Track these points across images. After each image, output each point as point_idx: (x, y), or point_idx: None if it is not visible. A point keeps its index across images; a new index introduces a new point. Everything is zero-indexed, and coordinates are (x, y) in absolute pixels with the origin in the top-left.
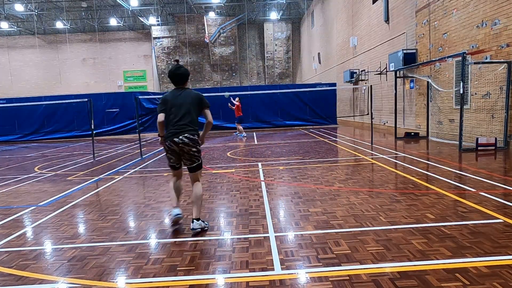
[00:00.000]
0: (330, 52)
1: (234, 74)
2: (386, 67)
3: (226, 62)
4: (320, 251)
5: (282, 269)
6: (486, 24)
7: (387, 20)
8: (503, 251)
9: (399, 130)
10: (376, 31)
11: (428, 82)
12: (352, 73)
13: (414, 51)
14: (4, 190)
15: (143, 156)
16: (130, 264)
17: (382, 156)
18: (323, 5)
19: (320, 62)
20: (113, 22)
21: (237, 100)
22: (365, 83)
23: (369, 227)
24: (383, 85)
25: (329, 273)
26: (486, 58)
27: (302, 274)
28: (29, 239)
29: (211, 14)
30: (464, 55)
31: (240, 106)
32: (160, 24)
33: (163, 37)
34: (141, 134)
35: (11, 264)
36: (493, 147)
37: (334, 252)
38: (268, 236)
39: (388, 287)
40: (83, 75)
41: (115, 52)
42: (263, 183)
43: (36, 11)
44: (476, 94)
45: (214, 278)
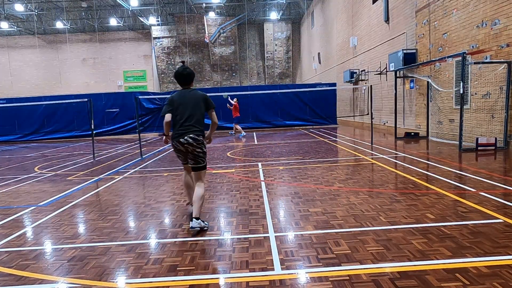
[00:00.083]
0: (330, 52)
1: (234, 74)
2: (386, 67)
3: (226, 62)
4: (320, 251)
5: (282, 269)
6: (486, 24)
7: (387, 20)
8: (503, 251)
9: (399, 130)
10: (376, 31)
11: (428, 82)
12: (352, 73)
13: (414, 51)
14: (4, 190)
15: (143, 156)
16: (130, 264)
17: (382, 156)
18: (323, 5)
19: (320, 62)
20: (113, 22)
21: (235, 101)
22: (365, 83)
23: (369, 227)
24: (383, 85)
25: (329, 273)
26: (486, 58)
27: (302, 274)
28: (29, 239)
29: (211, 14)
30: (464, 55)
31: (238, 107)
32: (160, 24)
33: (163, 37)
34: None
35: (11, 264)
36: (493, 147)
37: (334, 252)
38: (268, 236)
39: (388, 287)
40: (83, 75)
41: (115, 52)
42: (263, 183)
43: (36, 11)
44: (476, 94)
45: (214, 278)
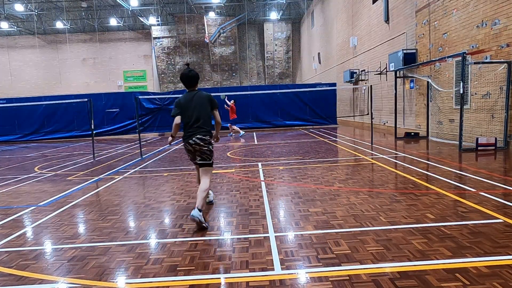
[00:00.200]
0: (330, 52)
1: (234, 74)
2: (386, 67)
3: (226, 62)
4: (320, 251)
5: (282, 269)
6: (486, 24)
7: (387, 20)
8: (503, 251)
9: (399, 130)
10: (376, 31)
11: (428, 82)
12: (352, 73)
13: (414, 51)
14: (4, 190)
15: (143, 156)
16: (130, 264)
17: (382, 156)
18: (323, 5)
19: (320, 62)
20: (113, 22)
21: (232, 103)
22: (365, 83)
23: (369, 227)
24: (383, 85)
25: (329, 273)
26: (486, 58)
27: (302, 274)
28: (29, 239)
29: (211, 14)
30: (464, 55)
31: (235, 109)
32: (160, 24)
33: (163, 37)
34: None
35: (11, 264)
36: (493, 147)
37: (334, 252)
38: (268, 236)
39: (388, 287)
40: (83, 75)
41: (115, 52)
42: (263, 183)
43: (36, 11)
44: (476, 94)
45: (214, 278)
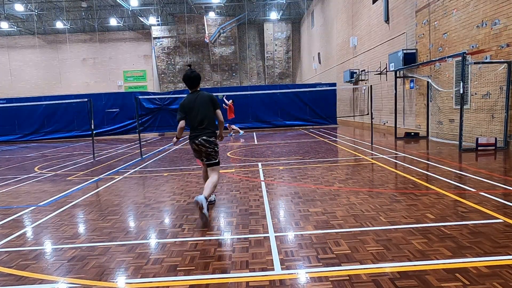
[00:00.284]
0: (330, 52)
1: (234, 74)
2: (386, 67)
3: (226, 62)
4: (320, 251)
5: (282, 269)
6: (486, 24)
7: (387, 20)
8: (503, 251)
9: (399, 130)
10: (376, 31)
11: (428, 82)
12: (352, 73)
13: (414, 51)
14: (4, 190)
15: (143, 156)
16: (130, 264)
17: (382, 156)
18: (323, 5)
19: (320, 62)
20: (113, 22)
21: (230, 102)
22: (365, 83)
23: (369, 227)
24: (383, 85)
25: (329, 273)
26: (486, 58)
27: (302, 274)
28: (29, 239)
29: (211, 14)
30: (464, 55)
31: (233, 108)
32: (160, 24)
33: (163, 37)
34: (141, 134)
35: (11, 264)
36: (493, 147)
37: (334, 252)
38: (268, 236)
39: (388, 287)
40: (83, 75)
41: (115, 52)
42: (263, 183)
43: (36, 11)
44: (476, 94)
45: (214, 278)
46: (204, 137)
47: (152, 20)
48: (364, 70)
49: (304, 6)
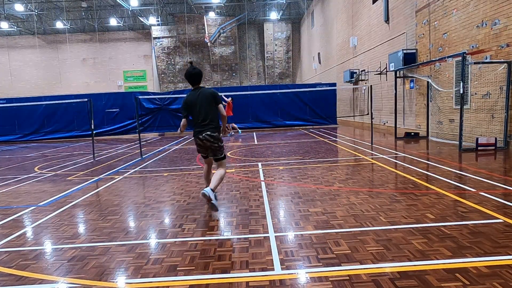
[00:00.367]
0: (330, 52)
1: (234, 74)
2: (386, 67)
3: (226, 62)
4: (320, 251)
5: (282, 269)
6: (486, 24)
7: (387, 20)
8: (503, 251)
9: (399, 130)
10: (376, 31)
11: (428, 82)
12: (352, 73)
13: (414, 51)
14: (4, 190)
15: (143, 156)
16: (130, 264)
17: (382, 156)
18: (323, 5)
19: (320, 62)
20: (113, 22)
21: (230, 100)
22: (365, 83)
23: (369, 227)
24: (383, 85)
25: (329, 273)
26: (486, 58)
27: (302, 274)
28: (29, 239)
29: (211, 14)
30: (464, 55)
31: (232, 106)
32: (160, 24)
33: (163, 37)
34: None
35: (11, 264)
36: (493, 147)
37: (334, 252)
38: (268, 236)
39: (388, 287)
40: (83, 75)
41: (115, 52)
42: (263, 183)
43: (36, 11)
44: (476, 94)
45: (214, 278)
46: (208, 133)
47: (152, 20)
48: (364, 70)
49: (304, 6)
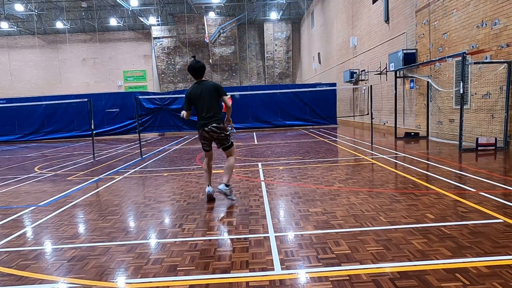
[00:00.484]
0: (330, 52)
1: (234, 74)
2: (386, 67)
3: (226, 62)
4: (320, 251)
5: (282, 269)
6: (486, 24)
7: (387, 20)
8: (503, 251)
9: (399, 130)
10: (376, 31)
11: (428, 82)
12: (352, 73)
13: (414, 51)
14: (4, 190)
15: (143, 156)
16: (130, 264)
17: (382, 156)
18: (323, 5)
19: (320, 62)
20: (113, 22)
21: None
22: (365, 83)
23: (369, 227)
24: (383, 85)
25: (329, 273)
26: (486, 58)
27: (302, 274)
28: (29, 239)
29: (211, 14)
30: (464, 55)
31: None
32: (160, 24)
33: (163, 37)
34: (141, 134)
35: (11, 264)
36: (493, 147)
37: (334, 252)
38: (268, 236)
39: (388, 287)
40: (83, 75)
41: (115, 52)
42: (263, 183)
43: (36, 11)
44: (476, 94)
45: (214, 278)
46: (214, 124)
47: (152, 20)
48: (364, 70)
49: (304, 6)
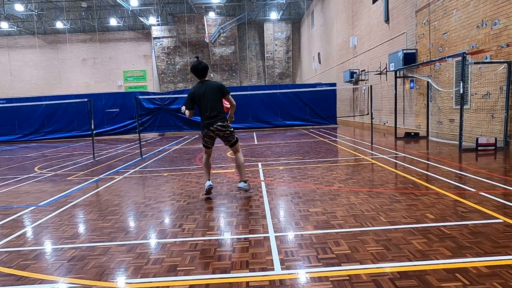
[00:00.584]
0: (330, 52)
1: (234, 74)
2: (386, 67)
3: (226, 62)
4: (320, 251)
5: (282, 269)
6: (486, 24)
7: (387, 20)
8: (503, 251)
9: (399, 130)
10: (376, 31)
11: (428, 82)
12: (352, 73)
13: (414, 51)
14: (4, 190)
15: (143, 156)
16: (130, 264)
17: (382, 156)
18: (323, 5)
19: (320, 62)
20: (113, 22)
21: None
22: (365, 83)
23: (369, 227)
24: (383, 85)
25: (329, 273)
26: (486, 58)
27: (302, 274)
28: (29, 239)
29: (211, 14)
30: (464, 55)
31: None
32: (160, 24)
33: (163, 37)
34: (141, 134)
35: (11, 264)
36: (493, 147)
37: (334, 252)
38: (268, 236)
39: (388, 287)
40: (83, 75)
41: (115, 52)
42: (263, 183)
43: (36, 11)
44: (476, 94)
45: (214, 278)
46: (219, 123)
47: (152, 20)
48: (364, 70)
49: (304, 6)
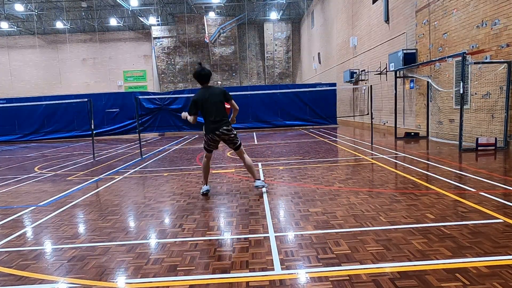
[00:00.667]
0: (330, 52)
1: (234, 74)
2: (386, 67)
3: (226, 62)
4: (320, 251)
5: (282, 269)
6: (486, 24)
7: (387, 20)
8: (503, 251)
9: (399, 130)
10: (376, 31)
11: (428, 82)
12: (352, 73)
13: (414, 51)
14: (4, 190)
15: (143, 156)
16: (130, 264)
17: (382, 156)
18: (323, 5)
19: (320, 62)
20: (113, 22)
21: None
22: (365, 83)
23: (369, 227)
24: (383, 85)
25: (329, 273)
26: (486, 58)
27: (302, 274)
28: (29, 239)
29: (211, 14)
30: (464, 55)
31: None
32: (160, 24)
33: (163, 37)
34: (141, 134)
35: (11, 264)
36: (493, 147)
37: (334, 252)
38: (268, 236)
39: (388, 287)
40: (83, 75)
41: (115, 52)
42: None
43: (36, 11)
44: (476, 94)
45: (214, 278)
46: (224, 127)
47: (152, 20)
48: (364, 70)
49: (304, 6)
